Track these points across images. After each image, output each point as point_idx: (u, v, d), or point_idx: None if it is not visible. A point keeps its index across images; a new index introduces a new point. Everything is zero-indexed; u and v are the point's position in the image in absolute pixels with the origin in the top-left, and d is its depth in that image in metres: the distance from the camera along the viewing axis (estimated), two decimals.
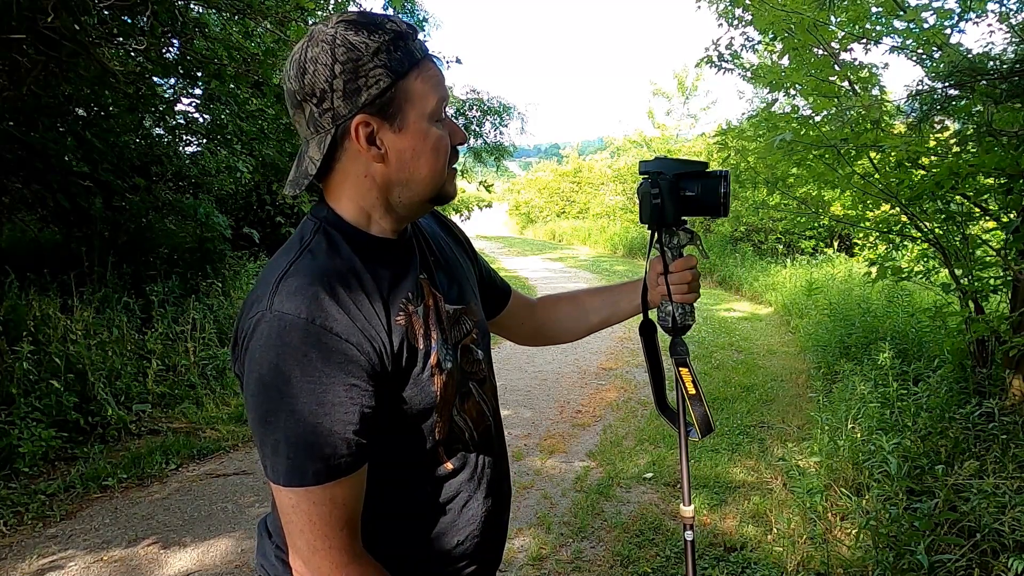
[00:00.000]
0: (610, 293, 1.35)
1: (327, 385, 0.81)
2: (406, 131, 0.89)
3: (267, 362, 0.81)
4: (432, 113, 0.90)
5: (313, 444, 0.81)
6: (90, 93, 5.16)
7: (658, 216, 1.18)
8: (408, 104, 0.88)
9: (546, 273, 12.56)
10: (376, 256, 0.94)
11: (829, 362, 5.31)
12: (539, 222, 23.10)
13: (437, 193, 0.95)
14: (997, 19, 3.06)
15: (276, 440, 0.82)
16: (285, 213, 7.82)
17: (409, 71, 0.87)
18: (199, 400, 4.69)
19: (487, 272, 1.25)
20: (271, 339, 0.82)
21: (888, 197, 3.31)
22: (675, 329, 1.23)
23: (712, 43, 4.26)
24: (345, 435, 0.82)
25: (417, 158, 0.90)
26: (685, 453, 1.24)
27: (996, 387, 3.22)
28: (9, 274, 4.46)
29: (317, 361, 0.81)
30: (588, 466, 3.81)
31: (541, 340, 1.42)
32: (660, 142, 15.38)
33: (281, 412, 0.81)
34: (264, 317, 0.83)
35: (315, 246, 0.90)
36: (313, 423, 0.81)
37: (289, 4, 4.79)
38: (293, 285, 0.84)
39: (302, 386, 0.81)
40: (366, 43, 0.85)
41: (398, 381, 0.90)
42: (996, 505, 2.36)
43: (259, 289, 0.87)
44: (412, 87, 0.88)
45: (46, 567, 2.81)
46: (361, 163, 0.90)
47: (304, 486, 0.82)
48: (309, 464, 0.81)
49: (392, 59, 0.86)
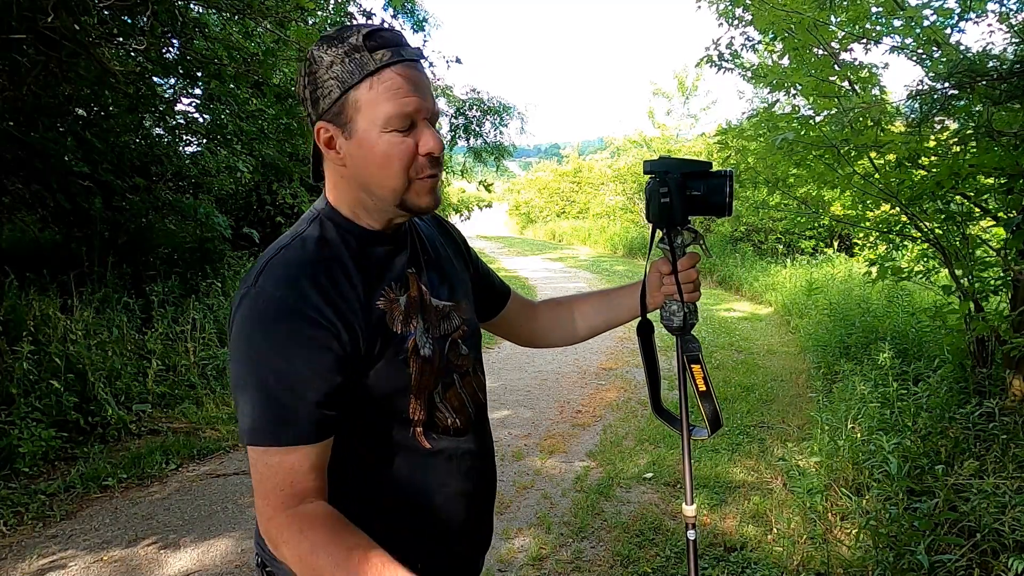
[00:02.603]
0: (609, 297, 1.37)
1: (294, 357, 0.89)
2: (355, 138, 0.94)
3: (243, 332, 0.91)
4: (385, 122, 0.93)
5: (273, 408, 0.89)
6: (90, 93, 5.16)
7: (667, 215, 1.18)
8: (357, 113, 0.93)
9: (546, 273, 12.56)
10: (365, 246, 1.01)
11: (829, 362, 5.31)
12: (539, 222, 23.11)
13: (400, 201, 0.98)
14: (997, 19, 3.06)
15: (244, 402, 0.90)
16: (285, 213, 7.82)
17: (360, 81, 0.92)
18: (199, 400, 4.69)
19: (485, 274, 1.29)
20: (249, 312, 0.91)
21: (888, 197, 3.31)
22: (684, 328, 1.23)
23: (712, 43, 4.26)
24: (308, 401, 0.90)
25: (368, 165, 0.95)
26: (688, 452, 1.24)
27: (996, 387, 3.22)
28: (9, 274, 4.46)
29: (286, 334, 0.89)
30: (588, 466, 3.81)
31: (540, 342, 1.44)
32: (660, 142, 15.38)
33: (251, 377, 0.89)
34: (248, 293, 0.92)
35: (308, 235, 0.99)
36: (277, 389, 0.89)
37: (289, 4, 4.79)
38: (279, 267, 0.94)
39: (270, 355, 0.89)
40: (323, 57, 0.93)
41: (371, 360, 0.97)
42: (996, 505, 2.36)
43: (252, 271, 0.96)
44: (362, 97, 0.92)
45: (46, 567, 2.81)
46: (333, 165, 1.00)
47: (261, 445, 0.89)
48: (269, 426, 0.89)
49: (344, 70, 0.92)
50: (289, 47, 5.01)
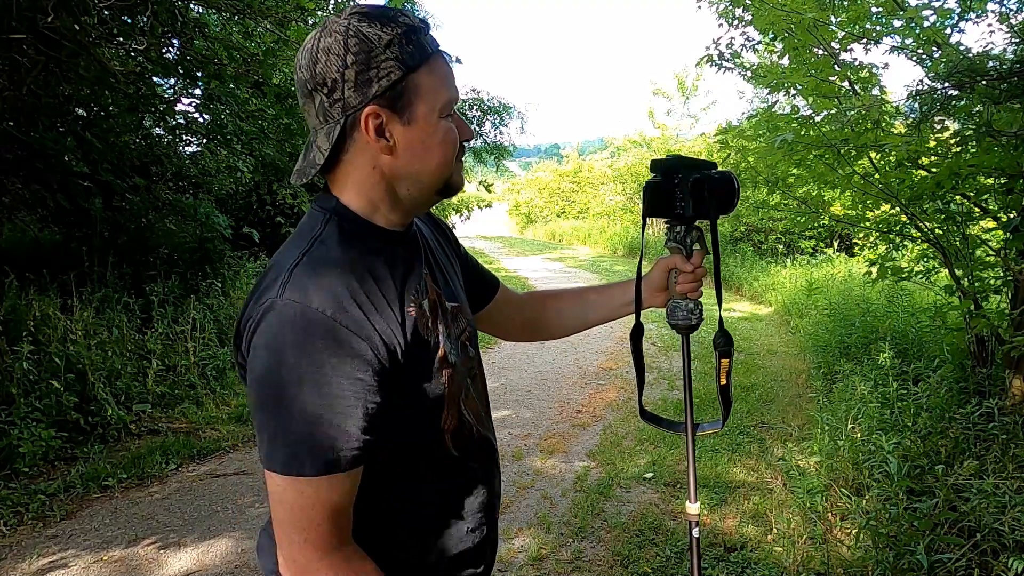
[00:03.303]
0: (601, 293, 1.35)
1: (332, 377, 0.80)
2: (415, 124, 0.89)
3: (273, 349, 0.81)
4: (442, 108, 0.91)
5: (311, 435, 0.80)
6: (90, 93, 5.16)
7: (681, 213, 1.18)
8: (418, 98, 0.88)
9: (546, 273, 12.56)
10: (386, 248, 0.94)
11: (829, 362, 5.31)
12: (539, 222, 23.12)
13: (445, 184, 0.95)
14: (997, 19, 3.06)
15: (275, 428, 0.81)
16: (285, 213, 7.82)
17: (420, 65, 0.88)
18: (199, 400, 4.69)
19: (473, 266, 1.25)
20: (280, 327, 0.81)
21: (888, 197, 3.31)
22: (693, 327, 1.23)
23: (712, 43, 4.26)
24: (346, 428, 0.82)
25: (427, 151, 0.91)
26: (691, 451, 1.24)
27: (996, 387, 3.22)
28: (9, 274, 4.46)
29: (324, 352, 0.80)
30: (588, 466, 3.81)
31: (530, 335, 1.41)
32: (660, 142, 15.39)
33: (283, 400, 0.80)
34: (274, 305, 0.82)
35: (326, 236, 0.90)
36: (314, 414, 0.80)
37: (289, 4, 4.79)
38: (305, 275, 0.84)
39: (307, 376, 0.80)
40: (379, 35, 0.86)
41: (411, 372, 0.90)
42: (996, 505, 2.36)
43: (269, 277, 0.87)
44: (422, 81, 0.88)
45: (46, 567, 2.81)
46: (369, 155, 0.90)
47: (295, 475, 0.81)
48: (304, 455, 0.80)
49: (404, 52, 0.86)
50: (289, 47, 5.00)
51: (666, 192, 1.18)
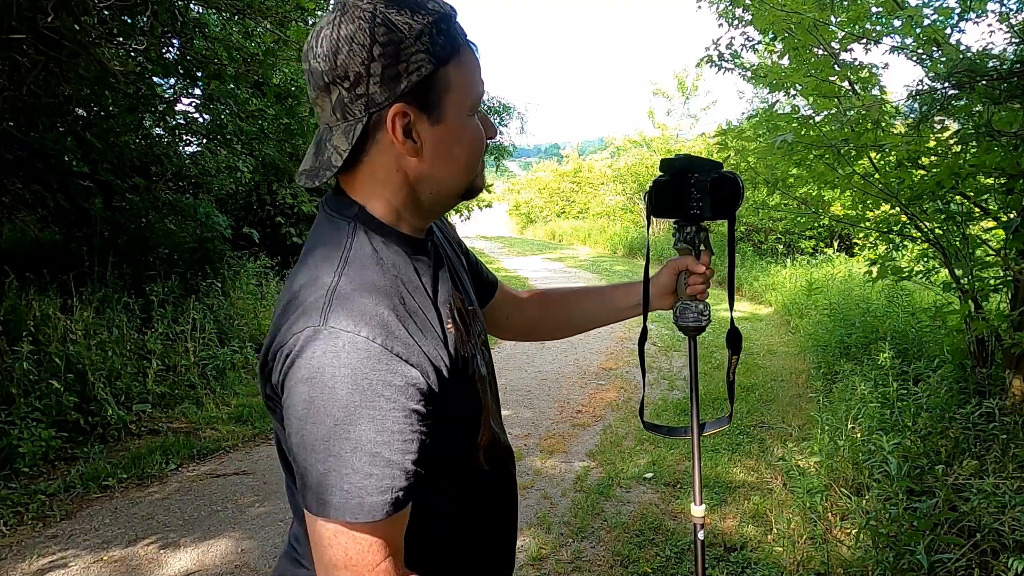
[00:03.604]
0: (604, 294, 1.30)
1: (388, 411, 0.73)
2: (444, 123, 0.82)
3: (321, 384, 0.72)
4: (471, 105, 0.84)
5: (369, 476, 0.73)
6: (90, 93, 5.16)
7: (698, 213, 1.16)
8: (447, 95, 0.81)
9: (546, 273, 12.56)
10: (417, 259, 0.87)
11: (829, 362, 5.31)
12: (539, 222, 23.12)
13: (469, 186, 0.89)
14: (997, 19, 3.06)
15: (325, 470, 0.73)
16: (285, 213, 7.82)
17: (451, 58, 0.80)
18: (199, 400, 4.69)
19: (474, 263, 1.18)
20: (327, 358, 0.73)
21: (888, 197, 3.31)
22: (702, 329, 1.22)
23: (712, 43, 4.26)
24: (404, 466, 0.74)
25: (454, 152, 0.84)
26: (697, 452, 1.23)
27: (996, 387, 3.22)
28: (9, 274, 4.46)
29: (378, 384, 0.73)
30: (588, 466, 3.81)
31: (529, 335, 1.36)
32: (660, 142, 15.39)
33: (336, 440, 0.72)
34: (318, 334, 0.73)
35: (358, 251, 0.82)
36: (371, 453, 0.72)
37: (289, 4, 4.79)
38: (348, 299, 0.76)
39: (361, 412, 0.72)
40: (409, 24, 0.77)
41: (455, 391, 0.84)
42: (996, 505, 2.36)
43: (305, 300, 0.77)
44: (453, 76, 0.80)
45: (46, 567, 2.81)
46: (392, 156, 0.82)
47: (352, 520, 0.73)
48: (363, 497, 0.73)
49: (435, 43, 0.78)
50: (289, 47, 5.01)
51: (677, 192, 1.16)
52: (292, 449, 0.76)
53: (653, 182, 1.18)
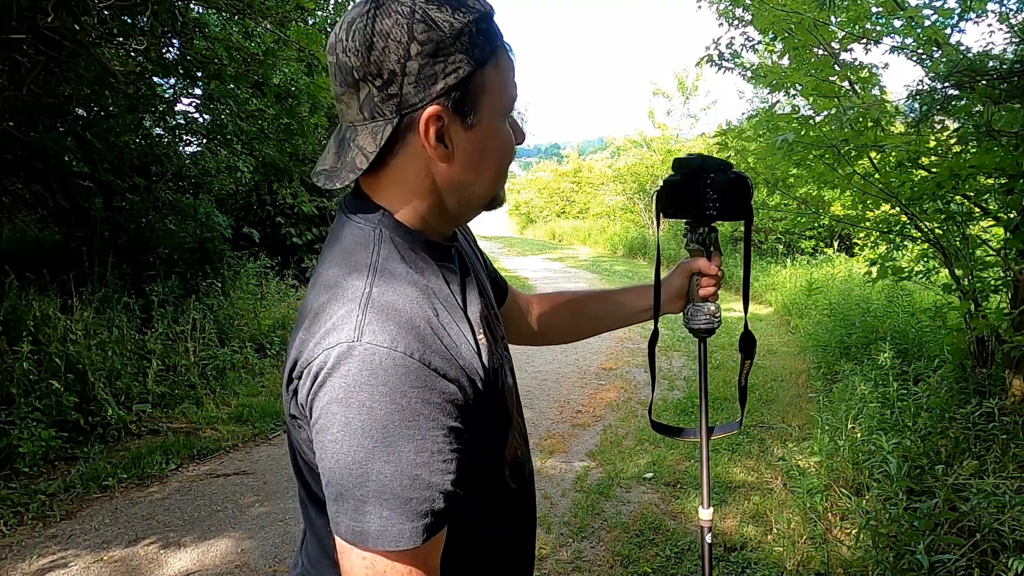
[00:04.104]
0: (613, 298, 1.27)
1: (427, 431, 0.69)
2: (478, 128, 0.77)
3: (357, 404, 0.68)
4: (506, 108, 0.80)
5: (410, 500, 0.68)
6: (90, 93, 5.16)
7: (713, 214, 1.13)
8: (483, 97, 0.76)
9: (546, 273, 12.56)
10: (443, 266, 0.82)
11: (829, 362, 5.31)
12: (539, 222, 23.13)
13: (492, 198, 0.85)
14: (997, 19, 3.06)
15: (363, 495, 0.68)
16: (285, 213, 7.82)
17: (488, 60, 0.75)
18: (199, 400, 4.69)
19: (490, 267, 1.13)
20: (364, 376, 0.68)
21: (888, 197, 3.31)
22: (713, 331, 1.20)
23: (712, 43, 4.26)
24: (444, 487, 0.70)
25: (484, 159, 0.79)
26: (706, 455, 1.21)
27: (996, 387, 3.22)
28: (9, 274, 4.46)
29: (417, 403, 0.69)
30: (588, 466, 3.81)
31: (538, 341, 1.33)
32: (660, 142, 15.38)
33: (374, 463, 0.67)
34: (353, 350, 0.69)
35: (387, 259, 0.77)
36: (412, 475, 0.68)
37: (289, 4, 4.79)
38: (384, 312, 0.71)
39: (401, 432, 0.68)
40: (450, 22, 0.72)
41: (487, 403, 0.80)
42: (996, 505, 2.36)
43: (333, 313, 0.73)
44: (490, 78, 0.76)
45: (46, 567, 2.81)
46: (422, 161, 0.77)
47: (392, 549, 0.69)
48: (404, 523, 0.68)
49: (475, 44, 0.74)
50: (289, 47, 5.01)
51: (691, 192, 1.12)
52: (325, 473, 0.71)
53: (664, 182, 1.16)
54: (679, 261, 1.22)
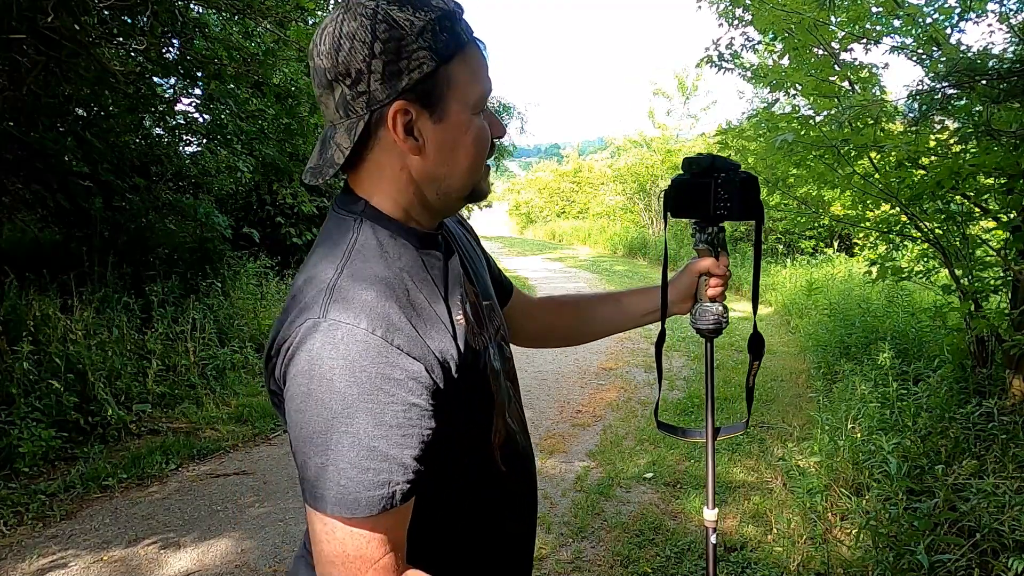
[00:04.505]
0: (619, 300, 1.27)
1: (387, 405, 0.72)
2: (446, 121, 0.81)
3: (319, 376, 0.72)
4: (475, 104, 0.82)
5: (367, 469, 0.72)
6: (90, 93, 5.16)
7: (724, 213, 1.13)
8: (450, 92, 0.80)
9: (546, 273, 12.56)
10: (425, 252, 0.86)
11: (829, 362, 5.31)
12: (539, 222, 23.12)
13: (472, 189, 0.87)
14: (997, 19, 3.06)
15: (323, 463, 0.72)
16: (285, 213, 7.82)
17: (454, 55, 0.79)
18: (199, 400, 4.69)
19: (494, 265, 1.16)
20: (326, 351, 0.72)
21: (888, 197, 3.31)
22: (721, 331, 1.19)
23: (712, 43, 4.26)
24: (402, 460, 0.74)
25: (456, 151, 0.83)
26: (711, 455, 1.20)
27: (996, 387, 3.22)
28: (9, 274, 4.46)
29: (377, 378, 0.72)
30: (588, 466, 3.81)
31: (542, 342, 1.34)
32: (660, 142, 15.38)
33: (333, 433, 0.72)
34: (318, 326, 0.73)
35: (362, 245, 0.81)
36: (369, 445, 0.72)
37: (289, 4, 4.79)
38: (349, 291, 0.76)
39: (359, 404, 0.72)
40: (411, 20, 0.77)
41: (465, 386, 0.83)
42: (996, 505, 2.36)
43: (306, 294, 0.78)
44: (456, 73, 0.80)
45: (46, 567, 2.81)
46: (396, 154, 0.82)
47: (349, 516, 0.72)
48: (360, 491, 0.72)
49: (438, 40, 0.78)
50: (289, 47, 5.01)
51: (700, 191, 1.12)
52: (292, 442, 0.76)
53: (673, 181, 1.15)
54: (687, 261, 1.22)
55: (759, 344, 1.21)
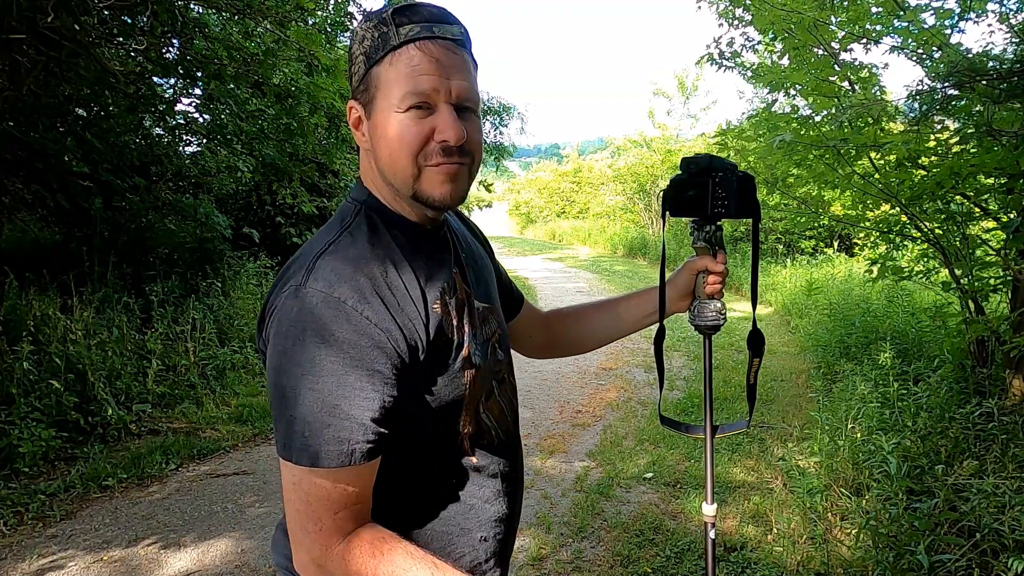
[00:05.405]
0: (619, 306, 1.30)
1: (351, 367, 0.80)
2: (374, 118, 0.90)
3: (293, 336, 0.81)
4: (400, 101, 0.86)
5: (328, 425, 0.80)
6: (90, 93, 5.16)
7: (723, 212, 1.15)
8: (377, 91, 0.88)
9: (546, 273, 12.56)
10: (414, 243, 0.93)
11: (829, 362, 5.31)
12: (539, 222, 23.12)
13: (412, 192, 0.89)
14: (997, 19, 3.06)
15: (291, 416, 0.81)
16: (285, 213, 7.82)
17: (383, 57, 0.87)
18: (199, 400, 4.69)
19: (505, 277, 1.22)
20: (301, 314, 0.81)
21: (888, 197, 3.31)
22: (719, 328, 1.21)
23: (712, 43, 4.26)
24: (362, 420, 0.81)
25: (382, 148, 0.90)
26: (710, 451, 1.22)
27: (996, 387, 3.22)
28: (9, 274, 4.46)
29: (344, 342, 0.80)
30: (588, 466, 3.81)
31: (549, 353, 1.38)
32: (660, 142, 15.38)
33: (301, 388, 0.80)
34: (297, 293, 0.83)
35: (355, 228, 0.91)
36: (331, 403, 0.80)
37: (289, 4, 4.78)
38: (330, 264, 0.84)
39: (325, 365, 0.80)
40: (358, 31, 0.90)
41: (432, 370, 0.89)
42: (996, 505, 2.36)
43: (294, 266, 0.88)
44: (382, 74, 0.88)
45: (46, 567, 2.81)
46: (365, 149, 0.95)
47: (310, 466, 0.80)
48: (320, 444, 0.80)
49: (371, 45, 0.88)
50: (289, 47, 5.00)
51: (699, 190, 1.14)
52: (270, 398, 0.85)
53: (672, 180, 1.17)
54: (685, 260, 1.23)
55: (759, 341, 1.22)
